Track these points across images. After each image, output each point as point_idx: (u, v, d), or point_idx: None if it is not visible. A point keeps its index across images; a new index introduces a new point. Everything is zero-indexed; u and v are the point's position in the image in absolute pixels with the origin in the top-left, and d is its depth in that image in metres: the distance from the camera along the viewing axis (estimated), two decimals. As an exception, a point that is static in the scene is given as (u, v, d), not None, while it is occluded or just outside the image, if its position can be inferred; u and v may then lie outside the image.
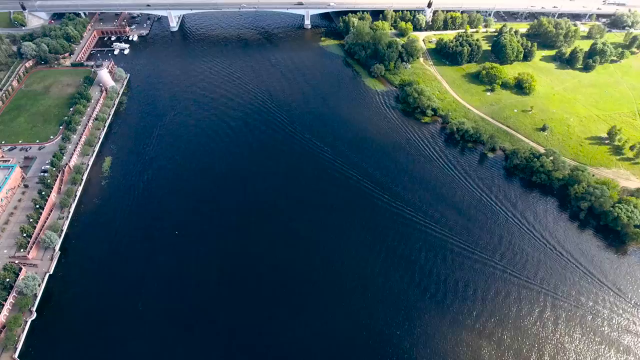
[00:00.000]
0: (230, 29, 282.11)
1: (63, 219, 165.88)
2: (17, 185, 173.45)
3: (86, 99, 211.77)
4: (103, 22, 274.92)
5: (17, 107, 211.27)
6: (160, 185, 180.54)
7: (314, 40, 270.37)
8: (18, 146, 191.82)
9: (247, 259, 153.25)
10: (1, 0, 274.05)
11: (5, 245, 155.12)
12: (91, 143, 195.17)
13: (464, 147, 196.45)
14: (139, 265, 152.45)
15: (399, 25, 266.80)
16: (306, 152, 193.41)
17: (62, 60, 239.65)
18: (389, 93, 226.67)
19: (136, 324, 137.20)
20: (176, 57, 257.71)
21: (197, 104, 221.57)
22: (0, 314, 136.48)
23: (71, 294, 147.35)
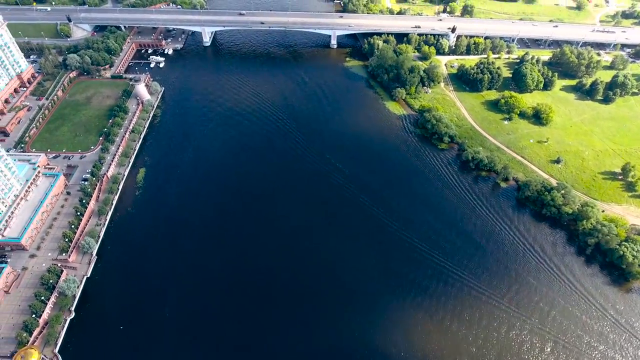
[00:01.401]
0: (259, 46, 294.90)
1: (100, 226, 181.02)
2: (60, 192, 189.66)
3: (124, 112, 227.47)
4: (141, 35, 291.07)
5: (61, 116, 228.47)
6: (188, 196, 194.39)
7: (339, 60, 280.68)
8: (62, 154, 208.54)
9: (266, 272, 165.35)
10: (50, 14, 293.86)
11: (49, 249, 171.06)
12: (127, 154, 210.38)
13: (478, 175, 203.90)
14: (166, 271, 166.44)
15: (423, 48, 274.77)
16: (324, 170, 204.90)
17: (103, 72, 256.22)
18: (408, 117, 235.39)
19: (162, 326, 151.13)
20: (207, 71, 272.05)
21: (224, 119, 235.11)
22: (44, 312, 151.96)
23: (105, 296, 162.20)
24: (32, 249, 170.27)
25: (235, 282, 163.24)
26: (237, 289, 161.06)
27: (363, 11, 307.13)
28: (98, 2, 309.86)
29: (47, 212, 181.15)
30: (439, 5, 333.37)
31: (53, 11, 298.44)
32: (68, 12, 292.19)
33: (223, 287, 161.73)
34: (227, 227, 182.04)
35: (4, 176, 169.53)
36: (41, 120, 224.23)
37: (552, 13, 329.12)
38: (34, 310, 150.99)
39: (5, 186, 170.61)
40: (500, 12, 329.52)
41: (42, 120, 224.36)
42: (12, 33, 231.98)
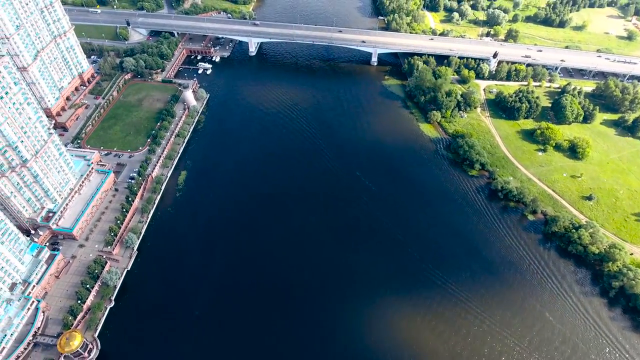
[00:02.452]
0: (301, 58, 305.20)
1: (142, 223, 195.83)
2: (109, 189, 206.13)
3: (171, 116, 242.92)
4: (192, 41, 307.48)
5: (115, 116, 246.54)
6: (224, 200, 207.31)
7: (378, 78, 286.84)
8: (113, 152, 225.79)
9: (291, 278, 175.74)
10: (111, 16, 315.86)
11: (96, 240, 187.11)
12: (171, 157, 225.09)
13: (506, 205, 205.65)
14: (199, 271, 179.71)
15: (462, 72, 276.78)
16: (352, 186, 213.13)
17: (154, 75, 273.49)
18: (441, 141, 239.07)
19: (190, 322, 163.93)
20: (251, 80, 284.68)
21: (263, 128, 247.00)
22: (88, 299, 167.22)
23: (143, 289, 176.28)
24: (82, 240, 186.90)
25: (260, 284, 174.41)
26: (263, 291, 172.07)
27: (406, 30, 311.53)
28: (155, 8, 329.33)
29: (97, 206, 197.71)
30: (483, 27, 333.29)
31: (114, 14, 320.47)
32: (127, 16, 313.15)
33: (250, 290, 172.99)
34: (259, 232, 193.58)
35: (62, 171, 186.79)
36: (97, 118, 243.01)
37: (601, 42, 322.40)
38: (79, 297, 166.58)
39: (63, 180, 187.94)
40: (546, 37, 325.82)
41: (97, 118, 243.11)
42: (77, 33, 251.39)
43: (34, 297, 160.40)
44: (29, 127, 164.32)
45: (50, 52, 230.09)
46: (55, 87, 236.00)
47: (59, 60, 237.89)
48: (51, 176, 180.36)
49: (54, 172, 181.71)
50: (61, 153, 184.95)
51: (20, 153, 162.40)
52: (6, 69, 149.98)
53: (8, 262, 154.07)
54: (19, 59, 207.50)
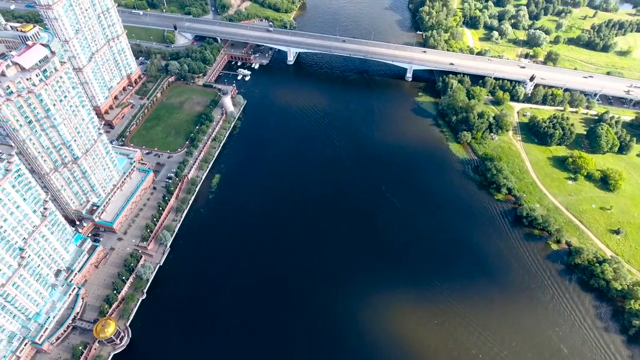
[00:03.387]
0: (337, 69, 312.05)
1: (176, 222, 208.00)
2: (148, 187, 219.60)
3: (209, 120, 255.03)
4: (233, 48, 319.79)
5: (157, 116, 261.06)
6: (254, 204, 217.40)
7: (411, 93, 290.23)
8: (153, 152, 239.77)
9: (317, 287, 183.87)
10: (160, 20, 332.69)
11: (133, 235, 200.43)
12: (207, 160, 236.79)
13: (530, 232, 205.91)
14: (226, 271, 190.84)
15: (497, 93, 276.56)
16: (377, 201, 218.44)
17: (196, 79, 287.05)
18: (469, 162, 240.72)
19: (214, 320, 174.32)
20: (287, 89, 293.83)
21: (295, 136, 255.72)
22: (122, 290, 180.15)
23: (172, 284, 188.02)
24: (120, 233, 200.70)
25: (281, 289, 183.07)
26: (284, 296, 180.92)
27: (443, 47, 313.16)
28: (201, 13, 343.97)
29: (136, 203, 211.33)
30: (523, 48, 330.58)
31: (162, 17, 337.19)
32: (175, 20, 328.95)
33: (271, 294, 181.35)
34: (284, 238, 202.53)
35: (108, 168, 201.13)
36: (141, 118, 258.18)
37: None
38: (115, 287, 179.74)
39: (107, 177, 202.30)
40: (588, 62, 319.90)
41: (141, 118, 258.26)
42: (127, 35, 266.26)
43: (75, 284, 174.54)
44: (82, 127, 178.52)
45: (104, 54, 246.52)
46: (106, 87, 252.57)
47: (111, 62, 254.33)
48: (98, 173, 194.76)
49: (100, 169, 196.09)
50: (108, 152, 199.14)
51: (72, 151, 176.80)
52: (67, 75, 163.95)
53: (55, 251, 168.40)
54: (76, 60, 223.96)
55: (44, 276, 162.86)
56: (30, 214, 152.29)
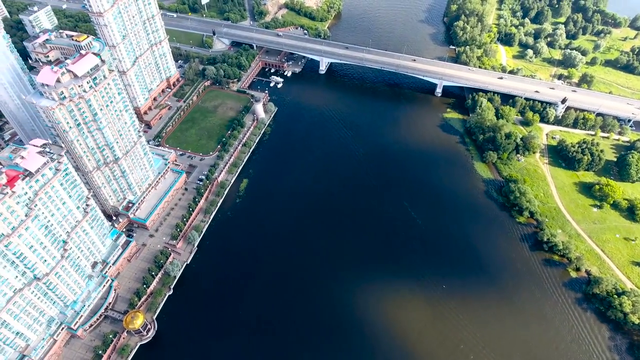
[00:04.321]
0: (368, 81, 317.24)
1: (204, 223, 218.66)
2: (180, 187, 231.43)
3: (241, 126, 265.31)
4: (268, 54, 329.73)
5: (192, 119, 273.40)
6: (278, 210, 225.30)
7: (440, 109, 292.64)
8: (187, 154, 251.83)
9: (335, 294, 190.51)
10: (200, 24, 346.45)
11: (164, 233, 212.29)
12: (236, 164, 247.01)
13: (550, 258, 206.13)
14: (248, 273, 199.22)
15: (526, 114, 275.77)
16: (398, 216, 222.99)
17: (231, 84, 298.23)
18: (493, 182, 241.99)
19: (235, 320, 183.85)
20: (318, 98, 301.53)
21: (323, 146, 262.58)
22: (151, 284, 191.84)
23: (197, 282, 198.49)
24: (152, 230, 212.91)
25: (300, 296, 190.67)
26: (301, 302, 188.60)
27: (475, 64, 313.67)
28: (239, 19, 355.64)
29: (168, 202, 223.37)
30: (557, 68, 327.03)
31: (202, 22, 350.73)
32: (214, 26, 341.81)
33: (291, 299, 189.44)
34: (306, 245, 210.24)
35: (144, 168, 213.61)
36: (177, 120, 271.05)
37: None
38: (145, 281, 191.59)
39: (144, 176, 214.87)
40: (624, 85, 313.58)
41: (177, 120, 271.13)
42: (168, 38, 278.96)
43: (109, 276, 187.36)
44: (124, 130, 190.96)
45: (146, 58, 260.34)
46: (146, 89, 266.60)
47: (152, 66, 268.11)
48: (135, 172, 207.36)
49: (138, 169, 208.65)
50: (145, 153, 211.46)
51: (114, 151, 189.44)
52: (114, 82, 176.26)
53: (94, 244, 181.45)
54: (121, 64, 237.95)
55: (82, 267, 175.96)
56: (74, 210, 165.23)
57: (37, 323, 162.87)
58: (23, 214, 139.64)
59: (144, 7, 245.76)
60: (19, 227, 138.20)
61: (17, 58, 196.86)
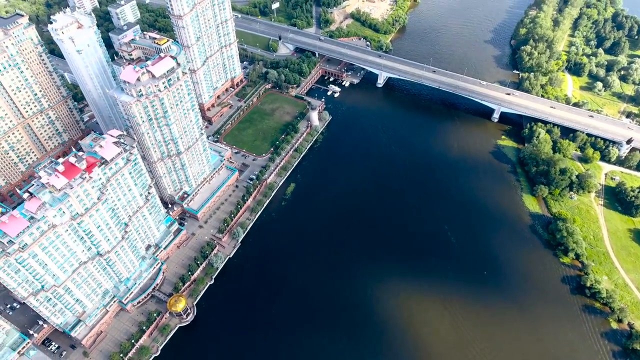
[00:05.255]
0: (424, 99, 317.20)
1: (250, 221, 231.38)
2: (232, 184, 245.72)
3: (295, 131, 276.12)
4: (328, 63, 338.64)
5: (250, 120, 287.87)
6: (321, 217, 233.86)
7: (494, 135, 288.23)
8: (241, 153, 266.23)
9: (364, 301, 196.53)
10: (268, 28, 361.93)
11: (212, 226, 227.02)
12: (286, 168, 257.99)
13: (591, 305, 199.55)
14: (286, 274, 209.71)
15: (586, 150, 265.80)
16: (436, 237, 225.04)
17: (290, 89, 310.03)
18: (540, 218, 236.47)
19: (268, 316, 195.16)
20: (372, 111, 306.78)
21: (372, 158, 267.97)
22: (195, 272, 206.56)
23: (237, 276, 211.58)
24: (202, 222, 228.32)
25: (330, 303, 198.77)
26: (330, 309, 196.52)
27: (538, 92, 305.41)
28: (305, 25, 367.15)
29: (219, 197, 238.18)
30: (627, 104, 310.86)
31: (270, 26, 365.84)
32: (281, 31, 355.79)
33: (325, 301, 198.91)
34: (344, 252, 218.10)
35: (202, 163, 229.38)
36: (236, 119, 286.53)
37: None
38: (190, 269, 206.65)
39: (201, 170, 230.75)
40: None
41: (236, 119, 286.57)
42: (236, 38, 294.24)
43: (160, 259, 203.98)
44: (188, 127, 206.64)
45: (215, 59, 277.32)
46: (211, 87, 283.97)
47: (220, 66, 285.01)
48: (193, 166, 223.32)
49: (196, 163, 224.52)
50: (204, 149, 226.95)
51: (178, 146, 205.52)
52: (185, 83, 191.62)
53: (150, 228, 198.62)
54: (192, 63, 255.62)
55: (138, 249, 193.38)
56: (138, 196, 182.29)
57: (94, 293, 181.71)
58: (96, 197, 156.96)
59: (219, 11, 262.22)
60: (91, 209, 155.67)
61: (104, 52, 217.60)
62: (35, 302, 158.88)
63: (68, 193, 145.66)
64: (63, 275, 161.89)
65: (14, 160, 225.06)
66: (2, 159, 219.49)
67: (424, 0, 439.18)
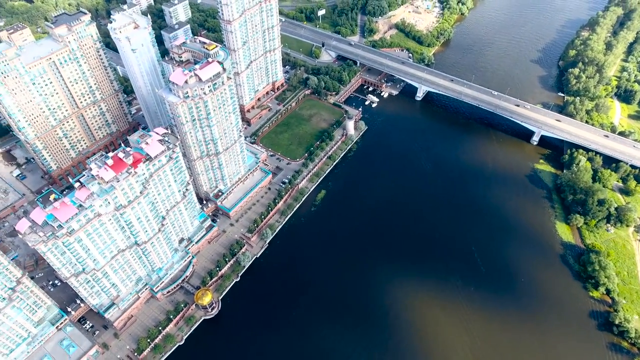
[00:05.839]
0: (462, 116, 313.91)
1: (279, 223, 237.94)
2: (265, 186, 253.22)
3: (330, 139, 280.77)
4: (369, 73, 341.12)
5: (287, 124, 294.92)
6: (347, 227, 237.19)
7: (532, 158, 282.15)
8: (276, 156, 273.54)
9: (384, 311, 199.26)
10: (312, 34, 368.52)
11: (242, 225, 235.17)
12: (318, 174, 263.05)
13: (617, 343, 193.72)
14: (307, 280, 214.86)
15: (629, 182, 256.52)
16: (462, 257, 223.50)
17: (328, 97, 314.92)
18: (573, 248, 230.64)
19: (288, 318, 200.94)
20: (408, 124, 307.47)
21: (402, 174, 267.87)
22: (223, 268, 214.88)
23: (263, 276, 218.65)
24: (233, 220, 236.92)
25: (356, 309, 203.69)
26: (356, 315, 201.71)
27: (582, 117, 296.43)
28: (349, 34, 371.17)
29: (252, 197, 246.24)
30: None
31: (314, 32, 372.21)
32: (324, 38, 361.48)
33: (346, 311, 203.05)
34: (368, 263, 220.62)
35: (238, 164, 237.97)
36: (274, 122, 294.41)
37: None
38: (218, 264, 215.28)
39: (236, 171, 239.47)
40: None
41: (274, 122, 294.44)
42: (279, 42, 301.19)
43: (191, 252, 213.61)
44: (228, 129, 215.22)
45: (259, 62, 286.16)
46: (253, 90, 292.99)
47: (263, 70, 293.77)
48: (230, 166, 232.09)
49: (233, 164, 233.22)
50: (242, 151, 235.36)
51: (217, 146, 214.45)
52: (229, 88, 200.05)
53: (184, 223, 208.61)
54: (236, 66, 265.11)
55: (172, 241, 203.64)
56: (176, 192, 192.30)
57: (129, 279, 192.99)
58: (138, 191, 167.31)
59: (267, 18, 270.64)
60: (133, 201, 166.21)
61: (156, 52, 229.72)
62: (75, 283, 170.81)
63: (114, 186, 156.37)
64: (102, 260, 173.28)
65: (66, 146, 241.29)
66: (56, 145, 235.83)
67: (472, 13, 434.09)
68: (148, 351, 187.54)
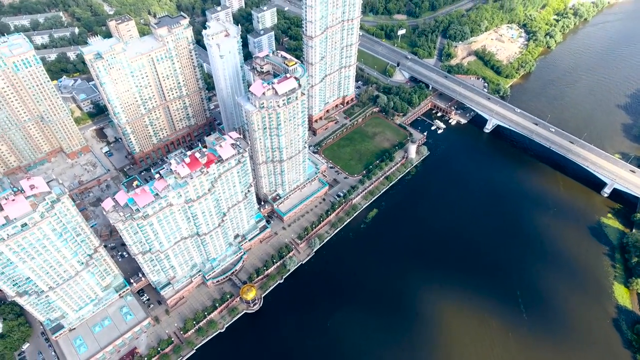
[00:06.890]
0: (530, 154, 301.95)
1: (328, 234, 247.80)
2: (320, 197, 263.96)
3: (390, 160, 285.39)
4: (440, 97, 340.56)
5: (350, 138, 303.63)
6: (393, 248, 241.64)
7: (599, 211, 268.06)
8: (335, 168, 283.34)
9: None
10: (389, 52, 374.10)
11: (293, 231, 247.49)
12: (373, 193, 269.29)
13: None
14: (346, 293, 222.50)
15: None
16: (508, 303, 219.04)
17: (395, 117, 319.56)
18: (628, 313, 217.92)
19: (323, 326, 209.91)
20: (472, 155, 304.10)
21: (457, 207, 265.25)
22: (269, 269, 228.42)
23: (305, 282, 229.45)
24: (286, 224, 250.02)
25: (393, 333, 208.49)
26: (393, 338, 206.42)
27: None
28: (426, 55, 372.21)
29: (306, 205, 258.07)
30: None
31: (391, 51, 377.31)
32: (400, 57, 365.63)
33: (381, 331, 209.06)
34: (407, 289, 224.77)
35: (298, 172, 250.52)
36: (338, 135, 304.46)
37: None
38: (265, 264, 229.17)
39: (296, 178, 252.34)
40: None
41: (338, 135, 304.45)
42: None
43: (243, 249, 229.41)
44: (295, 139, 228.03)
45: (333, 77, 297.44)
46: (323, 102, 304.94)
47: (335, 84, 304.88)
48: (291, 173, 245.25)
49: (293, 172, 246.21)
50: (304, 160, 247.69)
51: (282, 154, 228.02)
52: (301, 102, 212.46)
53: (242, 220, 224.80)
54: (311, 79, 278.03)
55: (228, 236, 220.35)
56: (239, 193, 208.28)
57: (186, 264, 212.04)
58: (207, 189, 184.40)
59: (347, 35, 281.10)
60: (201, 197, 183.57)
61: (240, 59, 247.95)
62: (141, 259, 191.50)
63: (188, 181, 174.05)
64: (167, 244, 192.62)
65: (150, 133, 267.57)
66: (142, 130, 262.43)
67: (560, 47, 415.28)
68: (192, 332, 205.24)
